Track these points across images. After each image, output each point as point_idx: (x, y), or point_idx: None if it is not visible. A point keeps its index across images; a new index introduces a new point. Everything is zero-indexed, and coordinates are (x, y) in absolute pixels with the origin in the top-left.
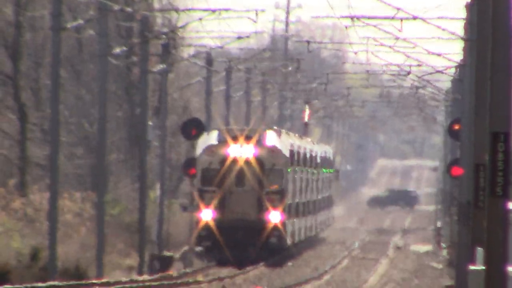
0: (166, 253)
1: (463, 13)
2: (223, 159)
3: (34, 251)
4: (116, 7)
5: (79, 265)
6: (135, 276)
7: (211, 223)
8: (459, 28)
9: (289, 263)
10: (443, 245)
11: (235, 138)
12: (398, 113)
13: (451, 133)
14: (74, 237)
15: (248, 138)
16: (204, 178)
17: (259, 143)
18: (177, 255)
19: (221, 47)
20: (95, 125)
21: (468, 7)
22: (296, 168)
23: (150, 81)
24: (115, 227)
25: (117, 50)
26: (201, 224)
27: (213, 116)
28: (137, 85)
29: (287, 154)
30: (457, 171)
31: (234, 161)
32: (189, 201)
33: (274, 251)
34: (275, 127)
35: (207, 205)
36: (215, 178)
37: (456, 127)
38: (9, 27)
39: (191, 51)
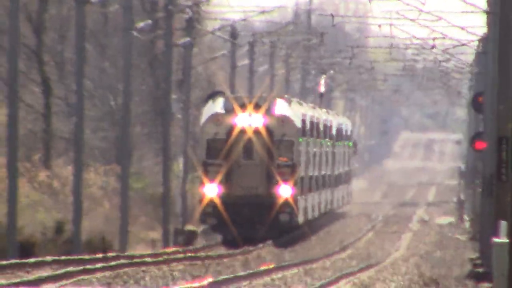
0: (190, 227)
1: None
2: (230, 129)
3: (59, 224)
4: None
5: (104, 238)
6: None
7: (216, 200)
8: (482, 1)
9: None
10: (466, 218)
11: (242, 106)
12: (421, 86)
13: (475, 106)
14: (99, 210)
15: (256, 107)
16: (209, 150)
17: (269, 112)
18: (199, 229)
19: (245, 20)
20: (120, 98)
21: None
22: (309, 140)
23: (174, 54)
24: (139, 200)
25: (142, 24)
26: (206, 200)
27: (237, 90)
28: (161, 58)
29: (299, 124)
30: (481, 144)
31: (242, 131)
32: None
33: (284, 228)
34: (285, 95)
35: (212, 179)
36: (221, 149)
37: (480, 100)
38: (33, 0)
39: (216, 25)
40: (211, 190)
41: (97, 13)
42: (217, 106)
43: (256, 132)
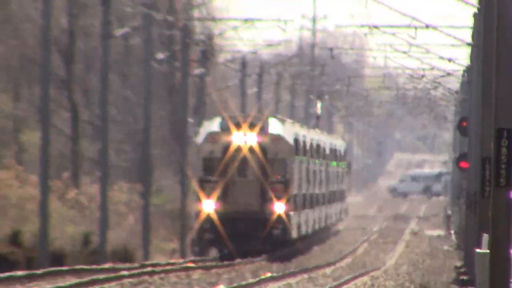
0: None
1: (470, 22)
2: (226, 147)
3: (86, 236)
4: (159, 17)
5: (127, 249)
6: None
7: (213, 215)
8: (467, 35)
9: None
10: (452, 231)
11: (238, 126)
12: (412, 112)
13: (460, 129)
14: (123, 224)
15: (251, 126)
16: (205, 167)
17: (262, 131)
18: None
19: (255, 52)
20: (141, 123)
21: (476, 16)
22: (302, 158)
23: (190, 83)
24: (159, 215)
25: (160, 55)
26: (203, 216)
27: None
28: (178, 87)
29: (292, 142)
30: (465, 164)
31: (237, 149)
32: None
33: (278, 243)
34: (279, 115)
35: (209, 195)
36: (217, 167)
37: (464, 124)
38: (63, 35)
39: (228, 56)
40: (209, 206)
41: (120, 45)
42: (213, 125)
43: (251, 150)
